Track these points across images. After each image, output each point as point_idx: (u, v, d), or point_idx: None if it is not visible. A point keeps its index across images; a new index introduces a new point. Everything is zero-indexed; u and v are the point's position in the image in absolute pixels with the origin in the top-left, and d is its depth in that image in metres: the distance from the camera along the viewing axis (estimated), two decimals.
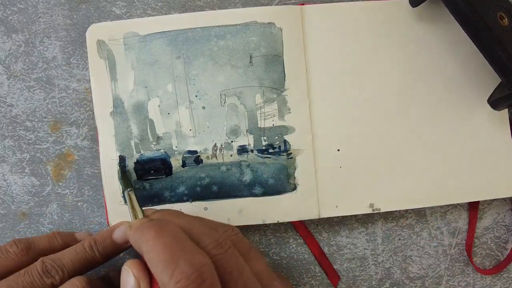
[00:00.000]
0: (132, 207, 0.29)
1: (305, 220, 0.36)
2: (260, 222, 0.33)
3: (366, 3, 0.34)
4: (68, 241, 0.32)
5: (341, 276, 0.36)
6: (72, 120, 0.35)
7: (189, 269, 0.22)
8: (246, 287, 0.24)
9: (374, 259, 0.36)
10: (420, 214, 0.36)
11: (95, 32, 0.33)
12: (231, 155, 0.34)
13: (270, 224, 0.36)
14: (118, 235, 0.31)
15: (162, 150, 0.33)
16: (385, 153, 0.34)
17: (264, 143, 0.34)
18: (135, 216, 0.28)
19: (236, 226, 0.28)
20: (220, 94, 0.34)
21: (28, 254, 0.29)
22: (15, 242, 0.29)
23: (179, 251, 0.22)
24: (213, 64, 0.33)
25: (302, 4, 0.34)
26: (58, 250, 0.30)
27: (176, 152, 0.33)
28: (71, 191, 0.35)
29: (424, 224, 0.36)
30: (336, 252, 0.36)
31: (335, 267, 0.36)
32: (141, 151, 0.33)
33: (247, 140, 0.34)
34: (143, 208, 0.30)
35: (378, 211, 0.34)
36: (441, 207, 0.37)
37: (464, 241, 0.37)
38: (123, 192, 0.32)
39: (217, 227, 0.27)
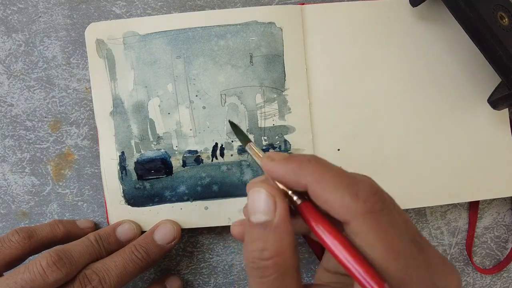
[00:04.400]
0: (257, 154, 0.26)
1: None
2: None
3: (366, 3, 0.34)
4: (70, 228, 0.32)
5: None
6: (72, 119, 0.35)
7: (372, 189, 0.21)
8: (399, 210, 0.23)
9: None
10: (420, 213, 0.36)
11: (94, 31, 0.33)
12: (231, 155, 0.34)
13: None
14: (122, 233, 0.31)
15: (162, 150, 0.33)
16: (385, 153, 0.34)
17: (264, 142, 0.34)
18: (260, 158, 0.26)
19: None
20: (221, 94, 0.34)
21: (31, 242, 0.29)
22: (17, 231, 0.29)
23: (351, 178, 0.22)
24: (213, 64, 0.33)
25: (302, 4, 0.34)
26: (60, 237, 0.31)
27: (176, 152, 0.33)
28: (71, 190, 0.35)
29: (424, 224, 0.36)
30: None
31: None
32: (142, 150, 0.33)
33: None
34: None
35: None
36: (441, 206, 0.37)
37: (464, 241, 0.37)
38: (243, 147, 0.31)
39: None
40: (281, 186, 0.23)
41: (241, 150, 0.34)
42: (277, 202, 0.22)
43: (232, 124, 0.30)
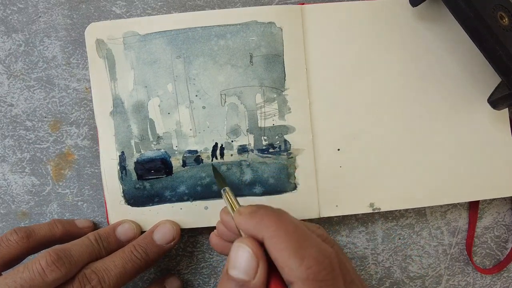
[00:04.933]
0: (231, 202, 0.28)
1: (305, 220, 0.36)
2: None
3: (366, 3, 0.34)
4: (69, 228, 0.32)
5: None
6: (72, 119, 0.35)
7: (319, 256, 0.22)
8: (353, 281, 0.24)
9: (374, 259, 0.36)
10: (420, 213, 0.36)
11: (94, 31, 0.33)
12: (231, 155, 0.34)
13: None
14: (122, 233, 0.31)
15: (162, 150, 0.33)
16: (385, 152, 0.34)
17: (264, 142, 0.34)
18: (233, 208, 0.27)
19: None
20: (220, 94, 0.34)
21: (29, 241, 0.29)
22: (15, 230, 0.29)
23: (304, 239, 0.22)
24: (213, 64, 0.33)
25: (302, 4, 0.34)
26: (58, 237, 0.31)
27: (176, 152, 0.33)
28: (71, 190, 0.35)
29: (424, 224, 0.36)
30: None
31: None
32: (141, 150, 0.33)
33: (248, 140, 0.34)
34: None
35: (378, 211, 0.34)
36: (441, 206, 0.37)
37: (464, 241, 0.37)
38: (219, 190, 0.31)
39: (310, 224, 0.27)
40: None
41: (241, 150, 0.34)
42: (259, 265, 0.23)
43: (214, 169, 0.32)
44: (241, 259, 0.23)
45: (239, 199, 0.33)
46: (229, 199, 0.28)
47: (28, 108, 0.35)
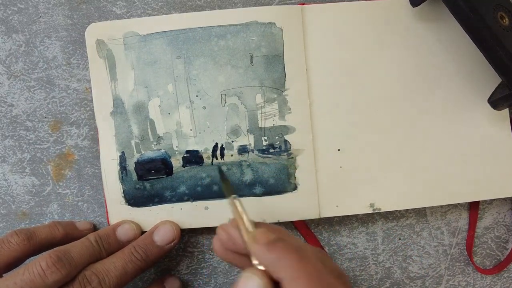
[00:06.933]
0: (240, 216, 0.26)
1: (306, 220, 0.36)
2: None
3: (366, 3, 0.34)
4: (69, 230, 0.32)
5: None
6: (72, 120, 0.35)
7: None
8: None
9: (375, 259, 0.36)
10: (420, 213, 0.36)
11: (94, 31, 0.33)
12: (231, 155, 0.34)
13: (270, 223, 0.36)
14: (122, 234, 0.31)
15: (162, 150, 0.33)
16: (385, 153, 0.34)
17: (264, 143, 0.34)
18: (245, 225, 0.26)
19: None
20: (221, 94, 0.34)
21: (30, 244, 0.29)
22: (16, 233, 0.29)
23: (322, 284, 0.22)
24: (214, 64, 0.33)
25: (303, 4, 0.34)
26: (59, 239, 0.31)
27: (176, 152, 0.33)
28: (72, 191, 0.35)
29: (424, 224, 0.36)
30: (337, 252, 0.36)
31: None
32: (142, 151, 0.33)
33: (248, 140, 0.34)
34: None
35: (378, 211, 0.34)
36: (442, 207, 0.37)
37: (465, 241, 0.37)
38: (226, 198, 0.29)
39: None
40: None
41: (242, 150, 0.34)
42: None
43: (221, 173, 0.31)
44: None
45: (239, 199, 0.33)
46: (239, 212, 0.26)
47: (28, 109, 0.35)
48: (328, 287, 0.22)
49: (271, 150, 0.34)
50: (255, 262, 0.24)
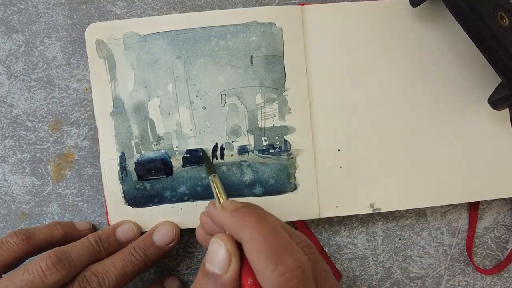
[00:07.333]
0: (218, 192, 0.28)
1: (306, 220, 0.36)
2: None
3: (366, 3, 0.34)
4: (68, 230, 0.32)
5: (341, 276, 0.36)
6: (72, 120, 0.35)
7: (293, 264, 0.22)
8: None
9: (375, 259, 0.36)
10: (420, 214, 0.36)
11: (94, 31, 0.33)
12: (231, 155, 0.34)
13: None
14: (122, 234, 0.31)
15: (162, 150, 0.33)
16: (385, 153, 0.34)
17: (264, 143, 0.34)
18: (219, 200, 0.28)
19: None
20: (221, 94, 0.34)
21: (29, 244, 0.29)
22: (15, 233, 0.29)
23: (281, 245, 0.23)
24: (214, 64, 0.33)
25: (303, 4, 0.34)
26: (58, 239, 0.31)
27: (176, 152, 0.33)
28: (72, 191, 0.35)
29: (424, 224, 0.36)
30: (337, 252, 0.36)
31: (335, 266, 0.36)
32: (142, 151, 0.33)
33: (248, 140, 0.34)
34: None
35: (378, 211, 0.34)
36: (442, 207, 0.37)
37: (465, 241, 0.37)
38: (207, 177, 0.32)
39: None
40: None
41: (241, 151, 0.34)
42: (232, 261, 0.24)
43: (204, 154, 0.32)
44: (215, 255, 0.24)
45: (239, 199, 0.33)
46: (216, 188, 0.28)
47: (28, 109, 0.35)
48: (282, 247, 0.22)
49: (271, 150, 0.34)
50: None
